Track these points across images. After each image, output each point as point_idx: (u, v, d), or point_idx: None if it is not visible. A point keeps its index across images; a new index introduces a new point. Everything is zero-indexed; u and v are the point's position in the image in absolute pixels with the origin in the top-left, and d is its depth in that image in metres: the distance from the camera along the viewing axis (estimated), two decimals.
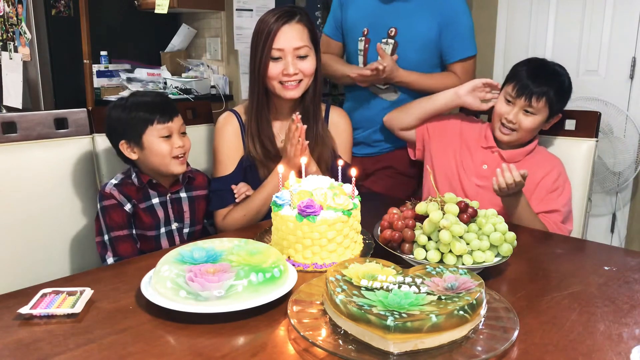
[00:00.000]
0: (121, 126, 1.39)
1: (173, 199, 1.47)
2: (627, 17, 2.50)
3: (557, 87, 1.54)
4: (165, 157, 1.39)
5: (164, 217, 1.45)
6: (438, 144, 1.71)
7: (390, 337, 0.76)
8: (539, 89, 1.52)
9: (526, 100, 1.53)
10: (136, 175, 1.43)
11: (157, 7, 2.66)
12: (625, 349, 0.82)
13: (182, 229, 1.49)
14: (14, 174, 1.42)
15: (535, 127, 1.57)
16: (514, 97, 1.55)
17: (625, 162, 2.41)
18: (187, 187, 1.50)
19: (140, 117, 1.38)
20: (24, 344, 0.83)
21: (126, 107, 1.40)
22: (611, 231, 2.68)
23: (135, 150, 1.40)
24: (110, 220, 1.38)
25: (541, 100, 1.52)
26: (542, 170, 1.56)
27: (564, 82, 1.57)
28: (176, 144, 1.40)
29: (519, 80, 1.55)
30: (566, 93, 1.59)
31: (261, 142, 1.53)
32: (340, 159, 1.34)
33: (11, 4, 3.30)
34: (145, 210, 1.42)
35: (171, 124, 1.40)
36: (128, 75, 3.44)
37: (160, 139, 1.39)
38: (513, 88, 1.55)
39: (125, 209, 1.40)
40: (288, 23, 1.45)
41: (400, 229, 1.09)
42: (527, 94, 1.52)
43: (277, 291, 0.94)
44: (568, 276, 1.10)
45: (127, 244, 1.39)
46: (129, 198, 1.40)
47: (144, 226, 1.43)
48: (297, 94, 1.49)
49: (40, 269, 1.43)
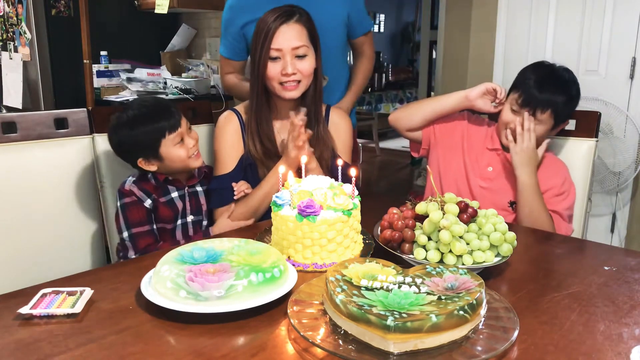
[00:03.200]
0: (133, 146, 1.39)
1: (191, 192, 1.50)
2: (627, 17, 2.50)
3: (563, 99, 1.52)
4: (184, 159, 1.43)
5: (182, 210, 1.48)
6: (445, 145, 1.70)
7: (390, 337, 0.76)
8: (544, 100, 1.50)
9: (530, 112, 1.51)
10: (152, 175, 1.45)
11: (157, 7, 2.67)
12: (625, 349, 0.82)
13: (200, 222, 1.52)
14: (14, 174, 1.42)
15: (540, 136, 1.54)
16: (519, 106, 1.53)
17: (625, 162, 2.41)
18: (202, 181, 1.54)
19: (150, 132, 1.38)
20: (24, 344, 0.83)
21: (130, 124, 1.38)
22: (611, 231, 2.68)
23: (154, 163, 1.42)
24: (131, 216, 1.40)
25: (546, 112, 1.50)
26: (548, 175, 1.55)
27: (571, 91, 1.54)
28: (190, 144, 1.43)
29: (525, 90, 1.52)
30: (573, 102, 1.56)
31: (261, 141, 1.54)
32: (340, 158, 1.34)
33: (11, 4, 3.30)
34: (165, 204, 1.45)
35: (180, 129, 1.41)
36: (128, 75, 3.44)
37: (175, 147, 1.41)
38: (519, 97, 1.53)
39: (145, 204, 1.41)
40: (286, 23, 1.45)
41: (400, 229, 1.09)
42: (532, 105, 1.50)
43: (277, 291, 0.94)
44: (568, 276, 1.10)
45: (148, 239, 1.41)
46: (149, 193, 1.42)
47: (164, 219, 1.45)
48: (297, 94, 1.49)
49: (40, 268, 1.43)
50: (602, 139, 2.36)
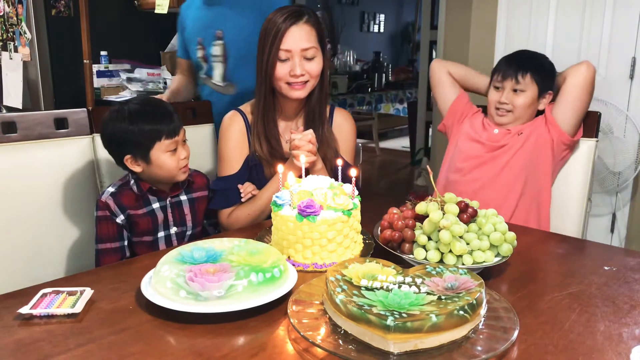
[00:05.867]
0: (126, 139, 1.34)
1: (174, 203, 1.45)
2: (627, 17, 2.49)
3: (537, 64, 1.69)
4: (172, 170, 1.38)
5: (163, 221, 1.44)
6: (466, 127, 1.80)
7: (390, 337, 0.76)
8: (521, 66, 1.67)
9: (512, 80, 1.66)
10: (135, 183, 1.40)
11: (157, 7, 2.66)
12: (625, 349, 0.82)
13: (184, 232, 1.48)
14: (14, 174, 1.42)
15: (529, 104, 1.67)
16: (500, 81, 1.69)
17: (625, 162, 2.41)
18: (187, 189, 1.48)
19: (148, 132, 1.34)
20: (24, 344, 0.83)
21: (130, 118, 1.34)
22: (611, 231, 2.68)
23: (140, 164, 1.36)
24: (100, 231, 1.37)
25: (526, 76, 1.65)
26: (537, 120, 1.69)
27: (543, 60, 1.72)
28: (181, 156, 1.38)
29: (501, 67, 1.71)
30: (549, 70, 1.71)
31: (267, 142, 1.53)
32: (340, 158, 1.33)
33: (11, 4, 3.30)
34: (143, 216, 1.40)
35: (177, 137, 1.37)
36: (128, 75, 3.44)
37: (167, 154, 1.36)
38: (498, 75, 1.70)
39: (117, 220, 1.37)
40: (296, 24, 1.44)
41: (400, 229, 1.09)
42: (512, 73, 1.66)
43: (277, 291, 0.94)
44: (568, 276, 1.10)
45: (113, 257, 1.38)
46: (124, 208, 1.37)
47: (141, 232, 1.41)
48: (303, 94, 1.49)
49: (40, 268, 1.43)
50: (602, 139, 2.36)
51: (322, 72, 1.51)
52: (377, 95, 6.45)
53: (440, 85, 1.87)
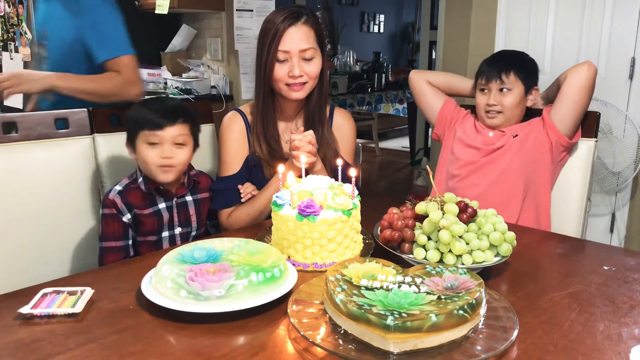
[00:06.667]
0: (129, 122, 1.40)
1: (179, 203, 1.45)
2: (627, 18, 2.49)
3: (519, 62, 1.71)
4: (149, 164, 1.35)
5: (168, 221, 1.44)
6: (459, 133, 1.79)
7: (390, 336, 0.76)
8: (504, 65, 1.68)
9: (497, 80, 1.66)
10: (143, 181, 1.40)
11: (158, 7, 2.67)
12: (625, 348, 0.82)
13: (188, 233, 1.48)
14: (14, 174, 1.42)
15: (517, 102, 1.68)
16: (485, 84, 1.70)
17: (624, 162, 2.41)
18: (193, 190, 1.48)
19: (138, 119, 1.36)
20: (24, 343, 0.83)
21: (144, 102, 1.43)
22: (610, 231, 2.68)
23: (131, 152, 1.40)
24: (106, 229, 1.37)
25: (510, 74, 1.66)
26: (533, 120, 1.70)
27: (524, 57, 1.74)
28: (164, 154, 1.34)
29: (484, 69, 1.72)
30: (531, 66, 1.73)
31: (267, 143, 1.53)
32: (340, 158, 1.34)
33: (12, 4, 3.30)
34: (149, 216, 1.40)
35: (161, 132, 1.34)
36: None
37: (146, 146, 1.35)
38: (482, 78, 1.71)
39: (124, 219, 1.38)
40: (294, 24, 1.44)
41: (400, 229, 1.10)
42: (495, 74, 1.67)
43: (277, 291, 0.94)
44: (568, 276, 1.10)
45: (116, 255, 1.38)
46: (131, 207, 1.38)
47: (146, 231, 1.41)
48: (302, 95, 1.49)
49: (41, 268, 1.43)
50: (602, 139, 2.36)
51: (321, 72, 1.50)
52: (377, 96, 6.45)
53: (423, 96, 1.86)
